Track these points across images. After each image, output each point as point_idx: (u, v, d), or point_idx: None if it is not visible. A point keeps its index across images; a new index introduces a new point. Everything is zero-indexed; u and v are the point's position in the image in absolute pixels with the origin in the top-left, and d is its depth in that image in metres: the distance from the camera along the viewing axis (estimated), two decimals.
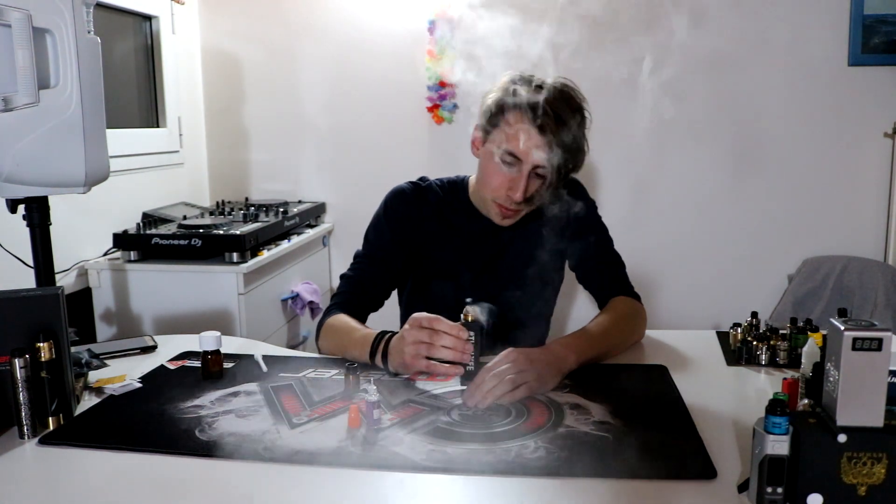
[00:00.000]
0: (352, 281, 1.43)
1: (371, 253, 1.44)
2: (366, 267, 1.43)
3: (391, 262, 1.43)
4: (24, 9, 1.19)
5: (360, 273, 1.43)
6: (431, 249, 1.45)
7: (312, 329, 2.76)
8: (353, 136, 2.95)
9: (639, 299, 1.43)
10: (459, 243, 1.44)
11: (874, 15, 2.58)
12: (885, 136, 2.64)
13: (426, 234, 1.44)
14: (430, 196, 1.46)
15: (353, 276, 1.43)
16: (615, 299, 1.41)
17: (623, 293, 1.42)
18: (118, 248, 2.27)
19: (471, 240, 1.44)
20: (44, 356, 1.00)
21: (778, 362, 1.26)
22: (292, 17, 2.92)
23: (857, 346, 0.73)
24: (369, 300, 1.43)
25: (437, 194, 1.46)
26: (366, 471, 0.88)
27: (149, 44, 2.69)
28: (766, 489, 0.76)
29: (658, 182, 2.82)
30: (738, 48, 2.69)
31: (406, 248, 1.44)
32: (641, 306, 1.43)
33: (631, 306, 1.40)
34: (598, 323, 1.32)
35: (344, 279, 1.45)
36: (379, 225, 1.46)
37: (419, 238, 1.44)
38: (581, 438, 0.95)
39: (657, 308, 2.89)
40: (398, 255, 1.44)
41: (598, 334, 1.28)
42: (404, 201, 1.45)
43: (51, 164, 1.27)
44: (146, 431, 1.00)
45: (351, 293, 1.41)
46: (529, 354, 1.12)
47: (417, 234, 1.44)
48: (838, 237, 2.75)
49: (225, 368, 1.24)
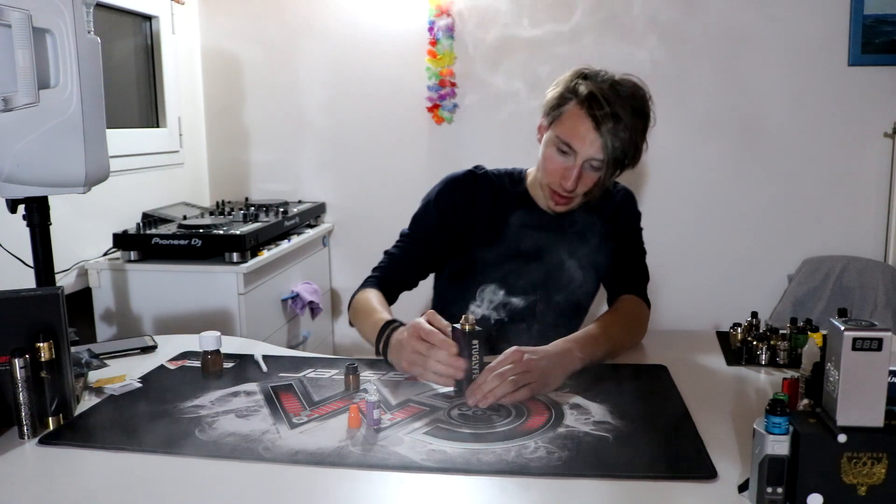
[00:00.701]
0: (392, 258, 1.47)
1: (415, 233, 1.48)
2: (408, 246, 1.47)
3: (433, 246, 1.47)
4: (24, 9, 1.19)
5: (401, 251, 1.47)
6: (477, 239, 1.45)
7: (312, 329, 2.78)
8: (353, 136, 2.95)
9: (649, 305, 1.44)
10: (507, 234, 1.44)
11: (874, 15, 2.58)
12: (885, 136, 2.64)
13: (475, 222, 1.45)
14: (483, 184, 1.47)
15: (395, 254, 1.47)
16: (624, 297, 1.41)
17: (634, 293, 1.42)
18: (118, 248, 2.27)
19: (520, 230, 1.45)
20: (44, 356, 1.00)
21: (778, 362, 1.26)
22: (292, 17, 2.92)
23: (857, 346, 0.73)
24: (405, 279, 1.47)
25: (491, 183, 1.48)
26: (366, 471, 0.88)
27: (149, 44, 2.69)
28: (766, 489, 0.76)
29: (658, 182, 2.82)
30: (738, 48, 2.69)
31: (451, 235, 1.46)
32: (648, 311, 1.43)
33: (638, 306, 1.41)
34: (605, 321, 1.32)
35: (386, 255, 1.49)
36: (427, 208, 1.49)
37: (467, 226, 1.46)
38: (581, 438, 0.95)
39: (657, 308, 2.87)
40: (442, 240, 1.46)
41: (604, 335, 1.27)
42: (457, 188, 1.47)
43: (51, 164, 1.27)
44: (146, 431, 1.00)
45: (389, 269, 1.46)
46: (534, 354, 1.12)
47: (466, 222, 1.45)
48: (838, 237, 2.75)
49: (225, 368, 1.24)
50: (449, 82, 2.80)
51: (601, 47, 2.68)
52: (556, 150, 1.33)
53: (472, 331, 1.12)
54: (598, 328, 1.29)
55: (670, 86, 2.74)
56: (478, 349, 1.11)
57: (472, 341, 1.11)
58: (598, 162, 1.31)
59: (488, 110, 2.74)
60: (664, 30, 2.71)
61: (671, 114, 2.75)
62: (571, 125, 1.30)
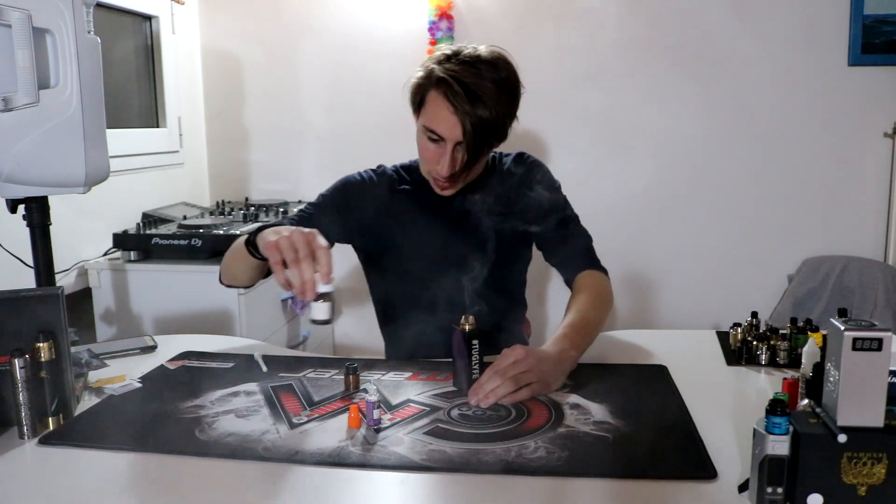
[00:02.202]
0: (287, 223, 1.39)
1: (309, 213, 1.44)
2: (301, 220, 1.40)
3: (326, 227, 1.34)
4: (24, 9, 1.19)
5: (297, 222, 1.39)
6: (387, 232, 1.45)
7: (313, 329, 2.77)
8: (353, 137, 2.95)
9: (606, 273, 1.42)
10: (418, 218, 1.44)
11: (874, 15, 2.58)
12: (885, 136, 2.64)
13: (379, 216, 1.45)
14: (381, 180, 1.48)
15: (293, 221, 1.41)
16: (582, 275, 1.39)
17: (589, 268, 1.41)
18: (118, 248, 2.27)
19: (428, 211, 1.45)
20: (44, 356, 1.00)
21: (778, 362, 1.25)
22: (292, 17, 2.92)
23: (857, 346, 0.73)
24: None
25: (389, 177, 1.49)
26: (366, 471, 0.88)
27: (149, 44, 2.69)
28: (766, 489, 0.76)
29: (657, 182, 2.82)
30: (738, 48, 2.69)
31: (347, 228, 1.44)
32: (607, 279, 1.41)
33: (600, 281, 1.39)
34: (579, 308, 1.30)
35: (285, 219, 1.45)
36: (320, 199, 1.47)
37: (369, 222, 1.45)
38: (581, 438, 0.95)
39: (657, 308, 2.89)
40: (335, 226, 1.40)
41: (585, 320, 1.26)
42: (351, 187, 1.47)
43: (51, 164, 1.27)
44: (146, 431, 1.00)
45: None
46: (535, 354, 1.12)
47: (366, 218, 1.45)
48: (838, 237, 2.75)
49: (225, 368, 1.24)
50: None
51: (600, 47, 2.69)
52: (427, 139, 1.34)
53: (472, 331, 1.12)
54: (577, 317, 1.27)
55: (670, 85, 2.75)
56: (478, 349, 1.11)
57: (472, 341, 1.11)
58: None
59: None
60: (664, 31, 2.72)
61: (671, 114, 2.77)
62: (434, 112, 1.30)
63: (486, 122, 1.27)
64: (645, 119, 2.74)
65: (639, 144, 2.78)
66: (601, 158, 2.78)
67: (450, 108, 1.27)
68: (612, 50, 2.69)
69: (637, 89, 2.74)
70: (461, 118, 1.26)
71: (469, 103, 1.26)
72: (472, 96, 1.26)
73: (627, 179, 2.82)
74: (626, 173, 2.81)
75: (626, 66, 2.71)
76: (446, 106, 1.27)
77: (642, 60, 2.71)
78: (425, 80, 1.32)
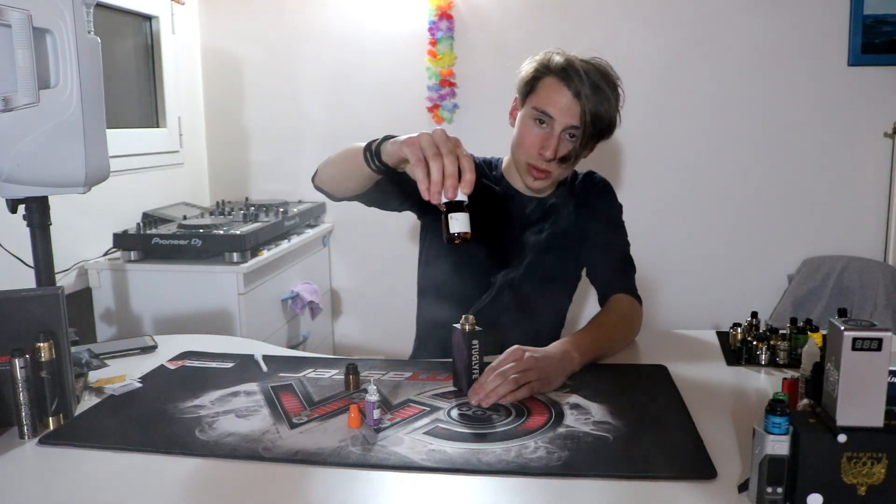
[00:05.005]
0: None
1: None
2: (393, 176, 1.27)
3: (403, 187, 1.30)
4: (24, 9, 1.19)
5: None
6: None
7: (312, 329, 2.77)
8: (353, 137, 2.91)
9: (640, 302, 1.44)
10: (492, 212, 1.43)
11: (874, 15, 2.58)
12: (885, 136, 2.64)
13: None
14: None
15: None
16: (616, 297, 1.41)
17: (626, 292, 1.42)
18: (118, 248, 2.27)
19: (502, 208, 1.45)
20: (44, 356, 1.00)
21: (778, 362, 1.26)
22: (292, 17, 2.92)
23: (857, 346, 0.73)
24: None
25: (478, 165, 1.47)
26: (366, 471, 0.88)
27: (149, 44, 2.69)
28: (766, 489, 0.76)
29: (657, 182, 2.82)
30: (738, 48, 2.69)
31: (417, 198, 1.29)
32: (641, 308, 1.43)
33: (631, 306, 1.40)
34: (600, 322, 1.32)
35: None
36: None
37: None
38: (581, 438, 0.95)
39: (657, 308, 2.89)
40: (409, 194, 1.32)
41: (601, 334, 1.28)
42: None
43: (51, 164, 1.27)
44: (146, 431, 1.00)
45: None
46: (535, 353, 1.12)
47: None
48: (838, 237, 2.75)
49: (225, 368, 1.24)
50: (449, 82, 2.80)
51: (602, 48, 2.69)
52: (533, 122, 1.34)
53: (472, 331, 1.12)
54: (593, 329, 1.29)
55: (670, 86, 2.75)
56: (478, 349, 1.12)
57: (472, 341, 1.11)
58: (576, 131, 1.32)
59: (488, 110, 2.74)
60: (665, 30, 2.72)
61: (671, 114, 2.76)
62: (548, 95, 1.33)
63: (602, 115, 1.32)
64: (644, 119, 2.74)
65: (638, 144, 2.78)
66: (601, 158, 2.78)
67: (570, 92, 1.30)
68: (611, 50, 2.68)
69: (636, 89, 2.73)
70: (582, 103, 1.30)
71: (591, 91, 1.30)
72: (595, 88, 1.30)
73: (627, 179, 2.82)
74: (626, 173, 2.82)
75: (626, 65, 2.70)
76: (565, 90, 1.30)
77: (642, 60, 2.71)
78: (543, 67, 1.34)
